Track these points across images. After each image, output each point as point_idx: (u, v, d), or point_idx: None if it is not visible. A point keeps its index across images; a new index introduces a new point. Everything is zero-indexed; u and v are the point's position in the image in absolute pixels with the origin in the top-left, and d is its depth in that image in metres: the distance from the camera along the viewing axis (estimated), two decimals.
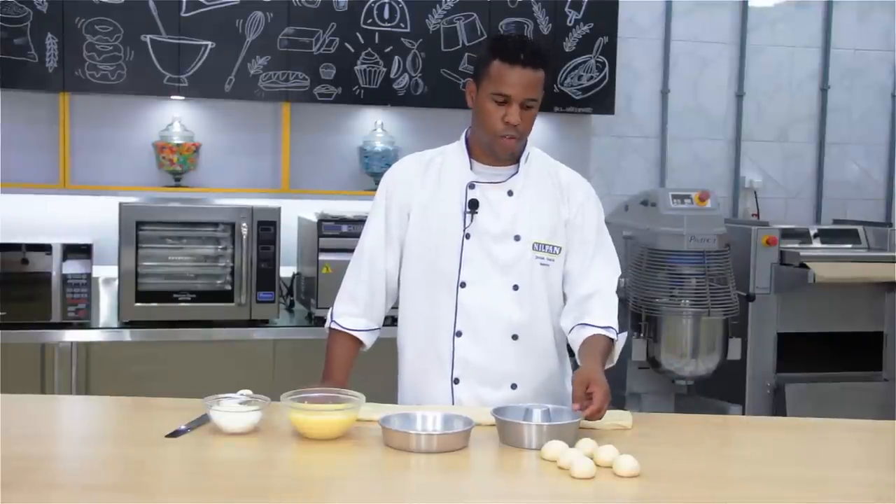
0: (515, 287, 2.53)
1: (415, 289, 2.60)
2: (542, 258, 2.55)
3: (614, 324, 2.56)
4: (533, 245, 2.54)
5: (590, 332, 2.52)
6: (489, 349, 2.54)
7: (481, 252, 2.53)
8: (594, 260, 2.61)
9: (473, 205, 2.52)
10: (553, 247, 2.56)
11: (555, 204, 2.58)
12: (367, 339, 2.67)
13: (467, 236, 2.53)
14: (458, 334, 2.54)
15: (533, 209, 2.55)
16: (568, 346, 2.65)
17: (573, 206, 2.59)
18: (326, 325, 2.71)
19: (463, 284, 2.53)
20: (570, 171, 2.67)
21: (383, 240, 2.60)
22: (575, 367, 2.54)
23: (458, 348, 2.54)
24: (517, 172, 2.56)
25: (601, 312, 2.56)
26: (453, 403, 2.54)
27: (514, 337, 2.54)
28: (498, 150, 2.50)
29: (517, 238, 2.54)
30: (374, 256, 2.61)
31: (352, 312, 2.65)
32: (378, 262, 2.61)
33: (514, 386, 2.55)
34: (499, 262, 2.53)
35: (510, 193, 2.55)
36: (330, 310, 2.70)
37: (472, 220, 2.53)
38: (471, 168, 2.56)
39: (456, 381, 2.55)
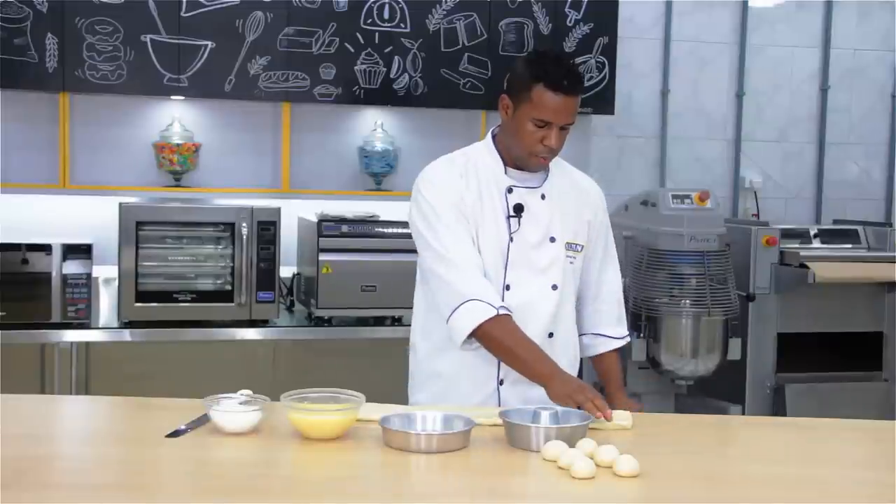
0: (554, 287, 2.61)
1: None
2: (571, 257, 2.65)
3: (626, 327, 2.82)
4: (565, 245, 2.63)
5: (610, 346, 2.78)
6: None
7: (523, 255, 2.59)
8: (606, 263, 2.77)
9: (518, 209, 2.57)
10: (578, 245, 2.67)
11: (578, 205, 2.68)
12: None
13: (511, 240, 2.58)
14: None
15: (563, 211, 2.64)
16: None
17: (592, 208, 2.71)
18: (480, 320, 2.46)
19: (508, 287, 2.58)
20: (581, 172, 2.79)
21: (464, 238, 2.53)
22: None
23: None
24: (548, 177, 2.64)
25: (617, 318, 2.78)
26: (499, 403, 2.57)
27: (550, 335, 2.62)
28: (532, 166, 2.58)
29: (553, 240, 2.61)
30: (466, 253, 2.52)
31: (498, 295, 2.53)
32: (475, 256, 2.53)
33: None
34: (538, 264, 2.60)
35: (543, 197, 2.62)
36: (469, 306, 2.47)
37: (519, 225, 2.58)
38: (505, 173, 2.60)
39: (501, 381, 2.60)
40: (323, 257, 4.28)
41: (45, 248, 4.08)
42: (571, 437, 2.13)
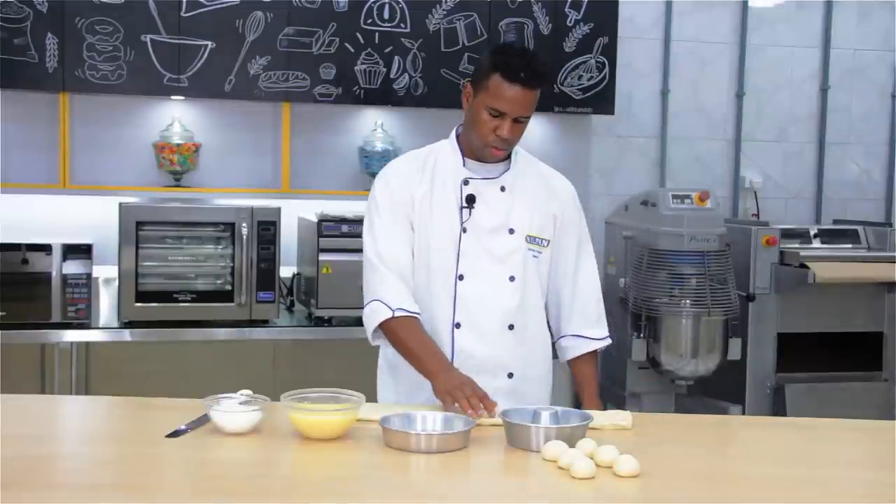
0: (511, 278, 2.61)
1: (416, 283, 2.63)
2: (534, 250, 2.64)
3: (606, 328, 2.76)
4: (526, 238, 2.62)
5: (587, 347, 2.71)
6: (487, 340, 2.60)
7: (478, 245, 2.59)
8: (581, 261, 2.73)
9: (470, 200, 2.59)
10: (542, 239, 2.66)
11: (544, 199, 2.67)
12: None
13: (464, 230, 2.59)
14: (457, 326, 2.60)
15: (524, 204, 2.63)
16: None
17: (560, 202, 2.70)
18: (380, 319, 2.57)
19: (461, 277, 2.59)
20: (553, 169, 2.78)
21: (398, 238, 2.60)
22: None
23: (457, 339, 2.60)
24: (508, 169, 2.64)
25: (596, 318, 2.73)
26: None
27: (510, 327, 2.62)
28: (485, 157, 2.59)
29: (511, 231, 2.61)
30: (391, 253, 2.59)
31: (405, 297, 2.57)
32: (401, 258, 2.60)
33: (510, 375, 2.63)
34: (495, 254, 2.60)
35: (502, 189, 2.62)
36: (371, 306, 2.59)
37: (469, 215, 2.59)
38: (463, 165, 2.62)
39: None
40: (323, 257, 4.28)
41: (45, 248, 4.08)
42: (571, 437, 2.13)
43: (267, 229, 4.23)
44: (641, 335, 4.48)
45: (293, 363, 4.22)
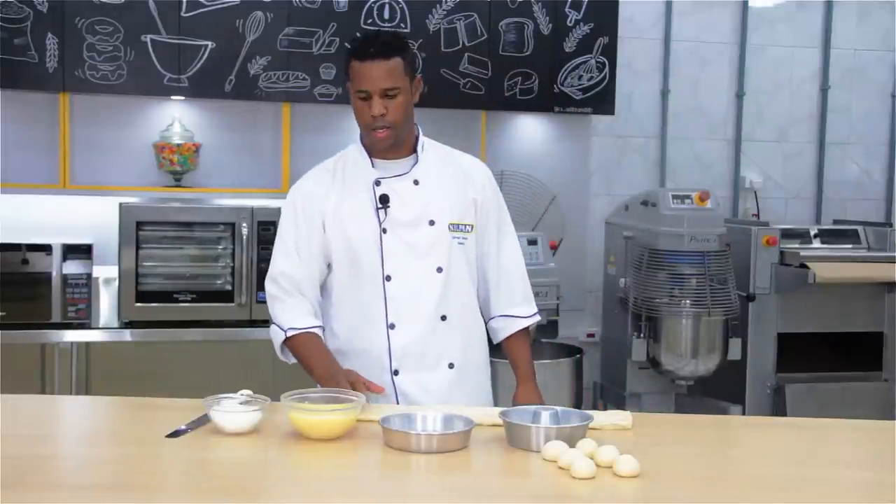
0: (439, 269, 2.62)
1: (343, 291, 2.65)
2: (459, 237, 2.65)
3: (534, 305, 2.77)
4: (449, 226, 2.64)
5: (515, 326, 2.72)
6: (422, 334, 2.61)
7: (400, 243, 2.60)
8: (502, 240, 2.75)
9: (384, 200, 2.60)
10: (466, 225, 2.67)
11: (460, 186, 2.68)
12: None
13: (384, 231, 2.60)
14: (392, 326, 2.61)
15: (441, 193, 2.65)
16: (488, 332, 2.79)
17: (477, 187, 2.71)
18: (279, 342, 2.65)
19: (388, 278, 2.60)
20: (468, 155, 2.79)
21: (297, 258, 2.62)
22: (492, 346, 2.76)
23: (393, 340, 2.61)
24: (417, 162, 2.65)
25: (522, 297, 2.73)
26: (396, 395, 2.59)
27: (443, 317, 2.63)
28: (374, 143, 2.59)
29: (431, 223, 2.62)
30: (284, 274, 2.63)
31: (297, 316, 2.63)
32: (297, 277, 2.63)
33: (451, 365, 2.64)
34: (419, 248, 2.61)
35: (416, 183, 2.63)
36: (271, 330, 2.67)
37: (386, 215, 2.60)
38: (373, 166, 2.63)
39: (395, 372, 2.61)
40: None
41: (45, 248, 4.08)
42: (571, 437, 2.13)
43: (267, 229, 4.23)
44: (641, 335, 4.48)
45: (293, 363, 4.22)
